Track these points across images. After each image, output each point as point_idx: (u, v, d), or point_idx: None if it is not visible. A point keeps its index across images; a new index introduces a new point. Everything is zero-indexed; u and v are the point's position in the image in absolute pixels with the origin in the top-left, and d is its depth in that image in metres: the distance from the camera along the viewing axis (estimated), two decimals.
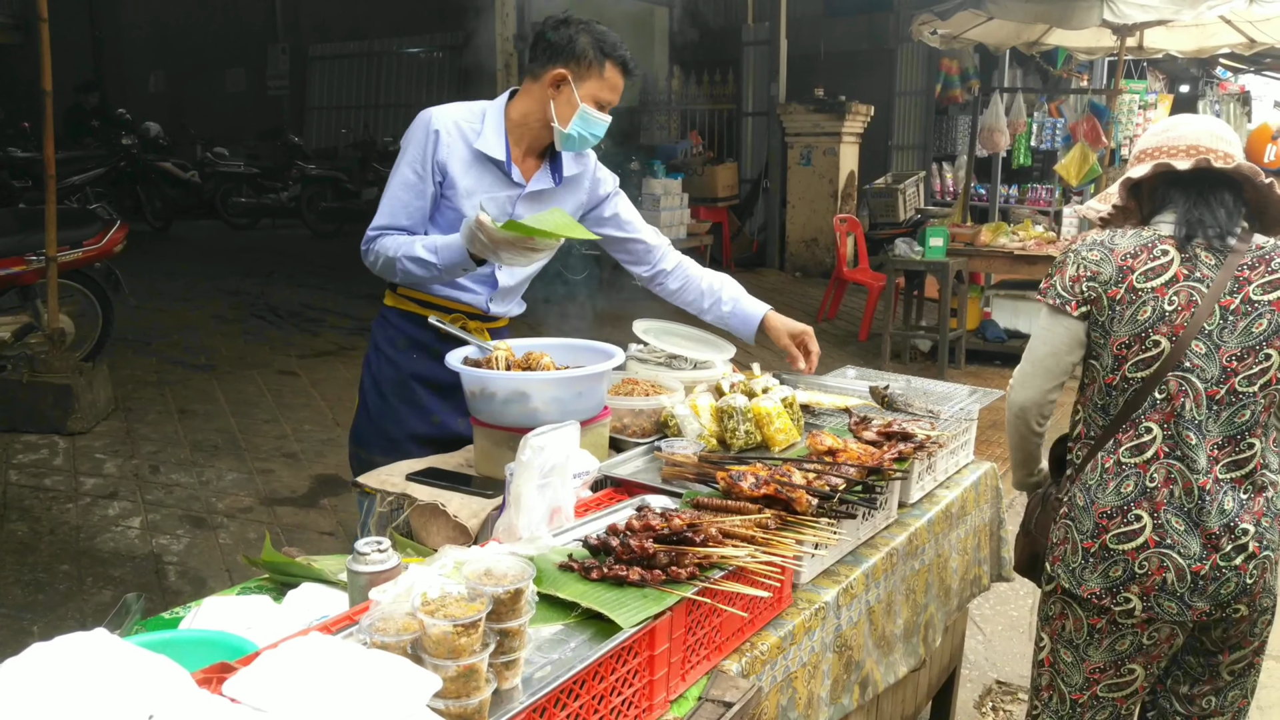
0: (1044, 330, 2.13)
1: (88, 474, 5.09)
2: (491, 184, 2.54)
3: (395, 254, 2.46)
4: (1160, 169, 2.05)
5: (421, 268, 2.44)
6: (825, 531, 1.82)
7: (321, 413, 6.26)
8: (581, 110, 2.45)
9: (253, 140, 15.71)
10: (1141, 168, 2.10)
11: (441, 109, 2.52)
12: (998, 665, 3.69)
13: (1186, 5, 6.91)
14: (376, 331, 2.72)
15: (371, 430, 2.67)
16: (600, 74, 2.44)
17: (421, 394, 2.63)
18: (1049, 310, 2.12)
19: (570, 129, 2.46)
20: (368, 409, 2.70)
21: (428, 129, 2.47)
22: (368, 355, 2.74)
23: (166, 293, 9.53)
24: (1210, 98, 17.45)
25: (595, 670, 1.37)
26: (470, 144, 2.50)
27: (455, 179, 2.49)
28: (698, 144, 13.20)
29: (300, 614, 1.68)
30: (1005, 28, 8.57)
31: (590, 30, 2.44)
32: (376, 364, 2.69)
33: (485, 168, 2.52)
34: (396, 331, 2.65)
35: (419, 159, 2.48)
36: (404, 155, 2.50)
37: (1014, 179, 12.76)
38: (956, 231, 7.91)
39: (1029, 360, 2.16)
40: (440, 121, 2.48)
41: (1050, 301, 2.10)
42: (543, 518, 1.74)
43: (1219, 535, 2.00)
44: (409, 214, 2.51)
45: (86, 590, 3.90)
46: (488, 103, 2.58)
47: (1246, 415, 2.01)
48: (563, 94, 2.45)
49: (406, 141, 2.51)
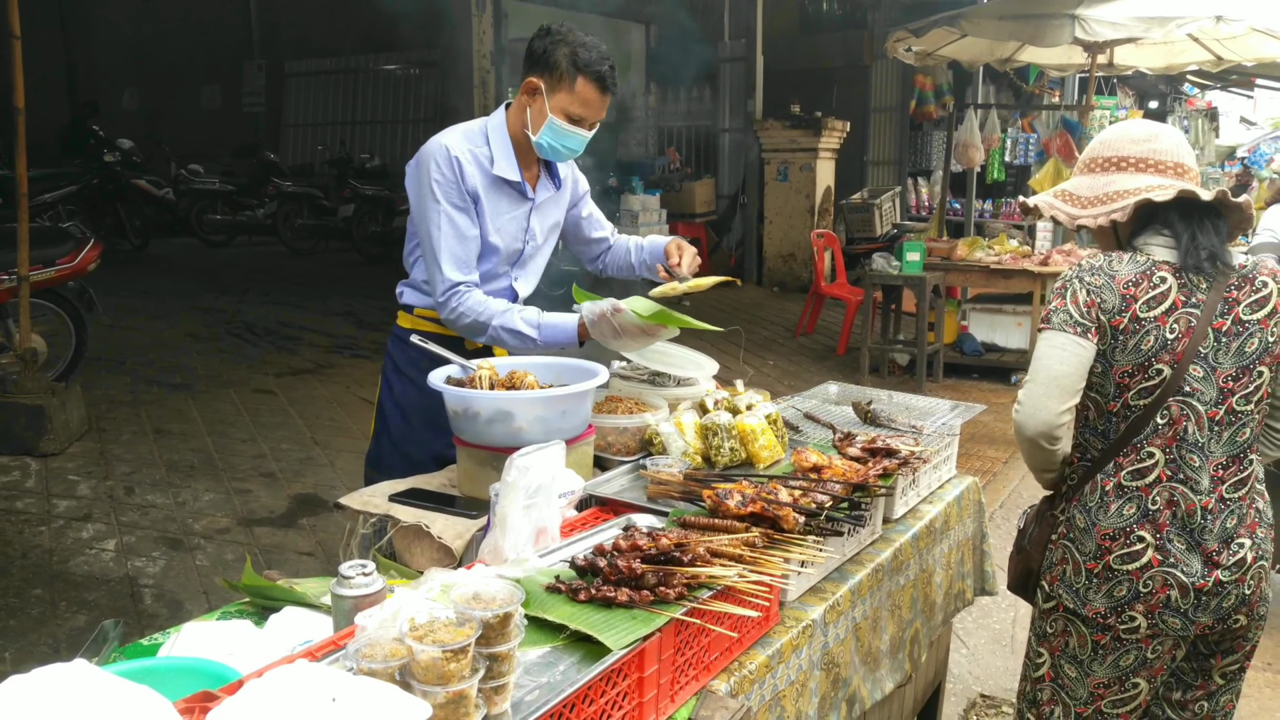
0: (1060, 350, 2.02)
1: (61, 496, 5.02)
2: (509, 204, 2.58)
3: (488, 320, 2.46)
4: (1185, 195, 2.00)
5: (518, 340, 2.46)
6: (812, 549, 1.82)
7: (299, 431, 6.20)
8: (550, 121, 2.46)
9: (228, 157, 15.61)
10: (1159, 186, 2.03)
11: (450, 137, 2.49)
12: (982, 679, 3.69)
13: (1156, 24, 7.02)
14: (395, 354, 2.69)
15: (394, 454, 2.63)
16: (571, 87, 2.44)
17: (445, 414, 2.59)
18: (1066, 334, 2.02)
19: (540, 138, 2.48)
20: (389, 433, 2.66)
21: (450, 159, 2.45)
22: (386, 379, 2.70)
23: (141, 311, 9.43)
24: (1179, 113, 17.73)
25: (585, 694, 1.36)
26: (486, 169, 2.50)
27: (483, 204, 2.51)
28: (675, 160, 13.25)
29: (283, 639, 1.65)
30: (979, 45, 8.67)
31: (569, 43, 2.43)
32: (399, 387, 2.65)
33: (501, 189, 2.55)
34: (419, 353, 2.56)
35: (454, 192, 2.46)
36: (436, 192, 2.45)
37: (988, 193, 12.92)
38: (933, 246, 7.97)
39: (1041, 381, 2.04)
40: (457, 149, 2.47)
41: (1069, 329, 2.01)
42: (528, 538, 1.73)
43: (1219, 552, 2.02)
44: (472, 251, 2.50)
45: (60, 615, 3.84)
46: (485, 120, 2.57)
47: (1247, 434, 2.03)
48: (536, 103, 2.47)
49: (428, 178, 2.45)
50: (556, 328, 2.49)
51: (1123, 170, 2.10)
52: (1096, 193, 2.11)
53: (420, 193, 2.49)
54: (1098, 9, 7.16)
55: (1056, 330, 2.03)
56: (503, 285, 2.64)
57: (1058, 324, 2.03)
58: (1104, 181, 2.11)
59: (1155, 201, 2.01)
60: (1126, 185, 2.07)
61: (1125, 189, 2.07)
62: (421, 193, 2.48)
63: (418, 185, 2.50)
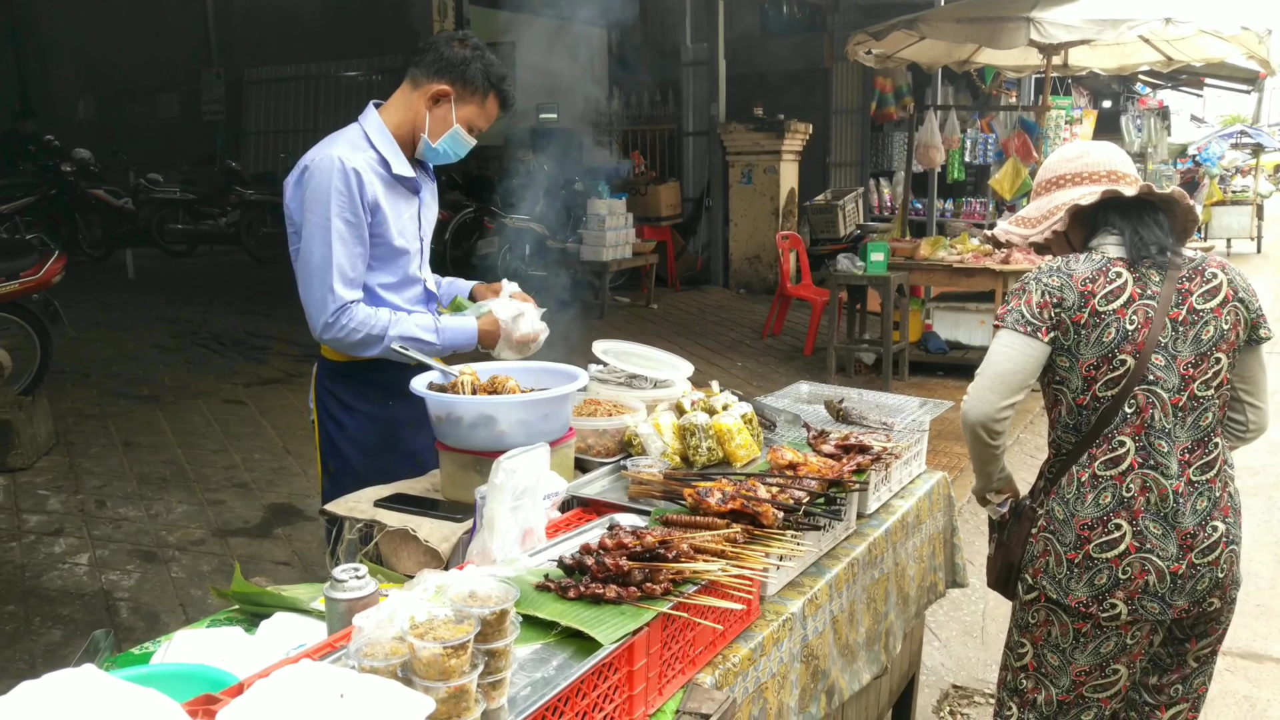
0: (1008, 349, 2.15)
1: (30, 511, 4.97)
2: (405, 203, 2.56)
3: (382, 332, 2.42)
4: (1109, 194, 2.16)
5: (416, 346, 2.45)
6: (791, 543, 1.87)
7: (271, 441, 6.18)
8: (455, 130, 2.50)
9: (188, 166, 15.44)
10: (1086, 193, 2.19)
11: (338, 149, 2.40)
12: (954, 670, 3.77)
13: (1108, 26, 7.19)
14: (337, 391, 2.59)
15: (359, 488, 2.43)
16: (482, 102, 2.49)
17: (406, 438, 2.59)
18: (1016, 334, 2.14)
19: (439, 145, 2.51)
20: (353, 472, 2.53)
21: (345, 173, 2.36)
22: (332, 420, 2.60)
23: (104, 323, 9.34)
24: (1132, 112, 18.07)
25: (578, 687, 1.40)
26: (383, 174, 2.46)
27: (384, 211, 2.46)
28: (640, 164, 13.31)
29: (276, 644, 1.68)
30: (937, 47, 8.82)
31: (485, 58, 2.47)
32: (353, 424, 2.57)
33: (397, 191, 2.52)
34: (369, 386, 2.56)
35: (347, 205, 2.37)
36: (328, 208, 2.35)
37: (949, 193, 13.09)
38: (896, 246, 8.08)
39: (988, 375, 2.18)
40: (352, 161, 2.39)
41: (1019, 328, 2.13)
42: (515, 539, 1.77)
43: (1193, 534, 2.12)
44: (360, 269, 2.43)
45: (34, 631, 3.81)
46: (357, 127, 2.49)
47: (1209, 418, 2.14)
48: (440, 109, 2.48)
49: (322, 193, 2.36)
50: (457, 330, 2.51)
51: (1061, 187, 2.27)
52: (1041, 212, 2.29)
53: (310, 209, 2.38)
54: (1052, 12, 7.31)
55: (1008, 329, 2.16)
56: (419, 290, 2.59)
57: (1009, 323, 2.16)
58: (1047, 201, 2.29)
59: (1083, 205, 2.18)
60: (1064, 199, 2.24)
61: (1063, 202, 2.23)
62: (312, 209, 2.38)
63: (305, 201, 2.39)
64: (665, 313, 10.93)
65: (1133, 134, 16.94)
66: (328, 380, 2.61)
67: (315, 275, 2.40)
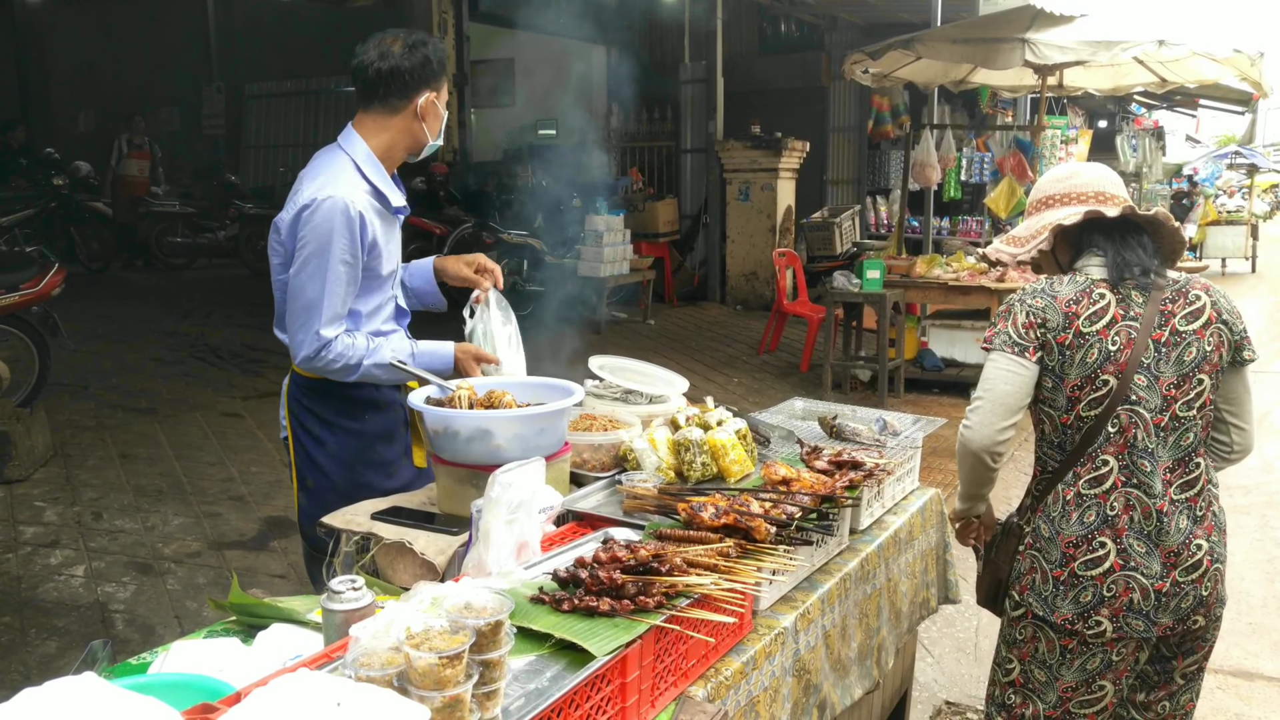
0: (1006, 370, 2.18)
1: (27, 522, 4.98)
2: (393, 229, 2.60)
3: (359, 361, 2.46)
4: (1091, 215, 2.19)
5: (390, 373, 2.50)
6: (783, 558, 1.90)
7: (268, 454, 6.19)
8: (444, 115, 2.57)
9: (187, 179, 15.49)
10: (1070, 213, 2.22)
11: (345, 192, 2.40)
12: (947, 686, 3.78)
13: (1102, 47, 7.26)
14: (316, 409, 2.59)
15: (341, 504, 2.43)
16: (443, 79, 2.55)
17: (382, 451, 2.63)
18: (1008, 355, 2.17)
19: (439, 136, 2.59)
20: (334, 489, 2.54)
21: (349, 216, 2.38)
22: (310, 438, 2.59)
23: (103, 335, 9.34)
24: (1127, 132, 18.20)
25: (571, 699, 1.42)
26: (378, 207, 2.50)
27: (381, 246, 2.51)
28: (638, 180, 13.37)
29: (272, 654, 1.69)
30: (933, 67, 8.90)
31: (425, 45, 2.48)
32: (334, 440, 2.58)
33: (387, 220, 2.56)
34: (347, 403, 2.58)
35: (348, 249, 2.40)
36: (331, 249, 2.38)
37: (945, 211, 13.15)
38: (892, 263, 8.13)
39: (989, 400, 2.20)
40: (357, 202, 2.40)
41: (1010, 349, 2.17)
42: (511, 553, 1.79)
43: (1177, 552, 2.14)
44: (347, 304, 2.48)
45: (30, 642, 3.82)
46: (347, 159, 2.48)
47: (1191, 438, 2.16)
48: (432, 111, 2.53)
49: (324, 235, 2.37)
50: (433, 355, 2.57)
51: (1050, 207, 2.31)
52: (1030, 231, 2.32)
53: (310, 246, 2.39)
54: (1047, 33, 7.39)
55: (999, 351, 2.20)
56: (391, 308, 2.65)
57: (999, 345, 2.20)
58: (1036, 220, 2.33)
59: (1067, 226, 2.21)
60: (1051, 219, 2.27)
61: (1049, 222, 2.27)
62: (314, 249, 2.39)
63: (305, 239, 2.40)
64: (662, 328, 10.97)
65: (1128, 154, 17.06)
66: (303, 397, 2.60)
67: (305, 311, 2.42)
